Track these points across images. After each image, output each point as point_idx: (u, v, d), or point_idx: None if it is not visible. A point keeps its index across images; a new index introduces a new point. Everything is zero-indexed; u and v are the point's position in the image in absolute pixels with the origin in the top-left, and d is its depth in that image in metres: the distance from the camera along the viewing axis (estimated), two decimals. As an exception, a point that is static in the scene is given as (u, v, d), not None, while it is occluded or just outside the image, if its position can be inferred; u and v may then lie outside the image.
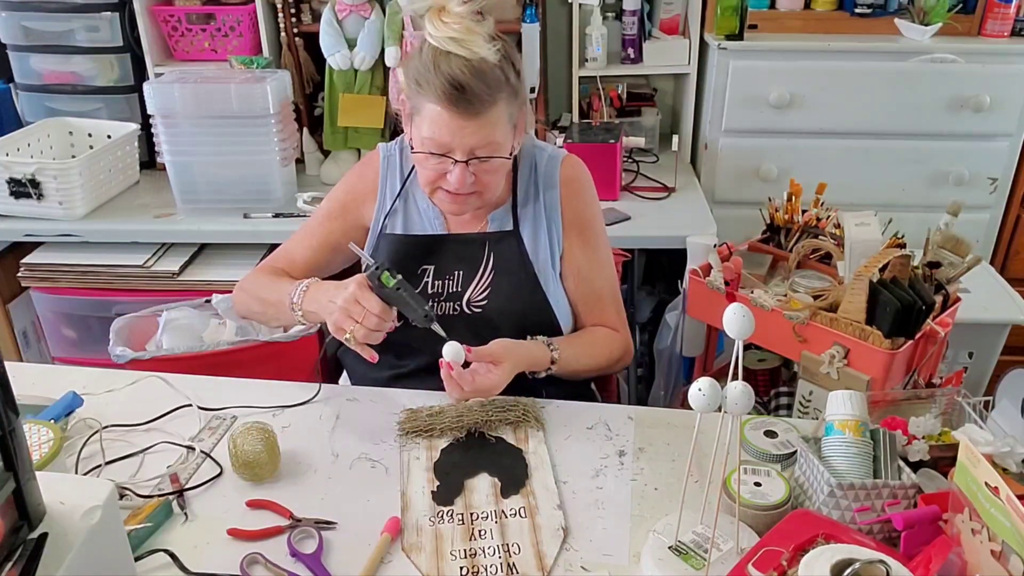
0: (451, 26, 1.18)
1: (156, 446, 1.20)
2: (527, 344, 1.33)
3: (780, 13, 2.32)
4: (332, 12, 2.19)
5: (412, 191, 1.41)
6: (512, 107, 1.25)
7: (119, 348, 1.69)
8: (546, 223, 1.39)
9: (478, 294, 1.38)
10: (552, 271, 1.39)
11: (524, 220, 1.39)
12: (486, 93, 1.19)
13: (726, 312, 0.89)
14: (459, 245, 1.39)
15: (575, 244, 1.40)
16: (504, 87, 1.21)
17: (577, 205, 1.40)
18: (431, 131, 1.22)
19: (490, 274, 1.38)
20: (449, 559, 1.00)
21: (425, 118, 1.23)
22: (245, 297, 1.45)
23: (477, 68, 1.18)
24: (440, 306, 1.38)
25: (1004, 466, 1.03)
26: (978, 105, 2.21)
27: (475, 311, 1.37)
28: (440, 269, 1.39)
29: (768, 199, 1.83)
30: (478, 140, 1.22)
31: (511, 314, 1.36)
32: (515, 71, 1.24)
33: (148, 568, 0.98)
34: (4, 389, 0.69)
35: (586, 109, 2.53)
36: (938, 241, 1.57)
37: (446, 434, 1.21)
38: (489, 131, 1.22)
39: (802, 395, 1.55)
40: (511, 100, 1.24)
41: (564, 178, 1.39)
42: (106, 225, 2.17)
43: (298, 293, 1.29)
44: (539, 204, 1.39)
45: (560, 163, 1.40)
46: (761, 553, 0.89)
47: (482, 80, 1.18)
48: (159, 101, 2.09)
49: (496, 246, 1.38)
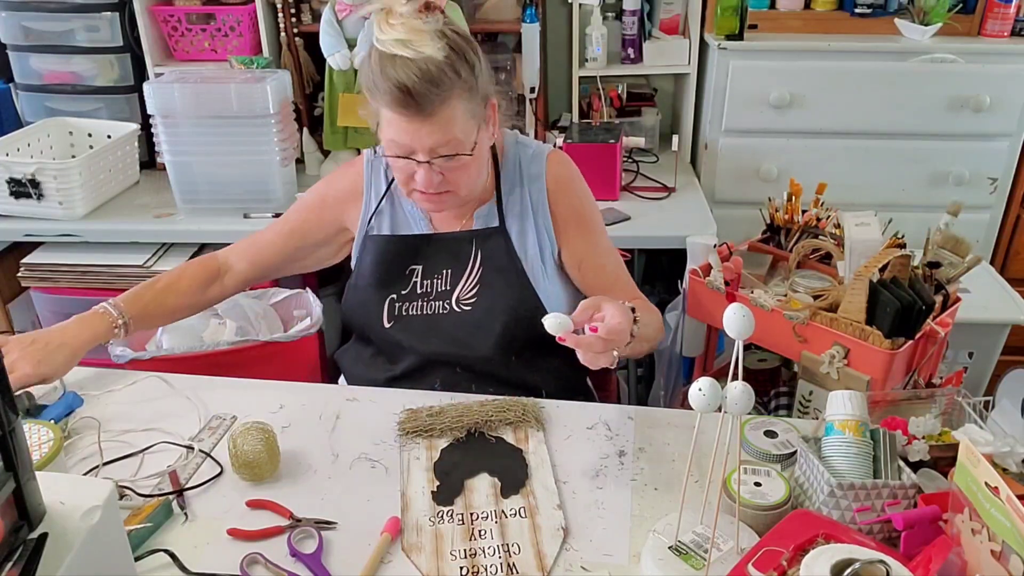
0: (396, 28, 1.16)
1: (156, 446, 1.19)
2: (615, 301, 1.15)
3: (780, 13, 2.32)
4: (332, 12, 2.19)
5: (397, 193, 1.41)
6: (471, 103, 1.22)
7: (119, 348, 1.69)
8: (533, 218, 1.38)
9: (467, 292, 1.37)
10: (542, 266, 1.38)
11: (510, 216, 1.38)
12: (434, 93, 1.16)
13: (726, 312, 0.89)
14: (446, 244, 1.39)
15: (574, 237, 1.39)
16: (456, 83, 1.18)
17: (569, 200, 1.39)
18: (391, 134, 1.22)
19: (478, 271, 1.38)
20: (449, 559, 1.00)
21: (383, 122, 1.23)
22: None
23: (423, 69, 1.15)
24: (429, 305, 1.38)
25: (1004, 466, 1.03)
26: (978, 105, 2.21)
27: (464, 308, 1.37)
28: (428, 268, 1.39)
29: (768, 199, 1.83)
30: (436, 140, 1.21)
31: (501, 311, 1.35)
32: (467, 65, 1.21)
33: (148, 568, 0.98)
34: (4, 389, 0.69)
35: (586, 109, 2.53)
36: (938, 241, 1.57)
37: (446, 434, 1.21)
38: (446, 129, 1.20)
39: (802, 395, 1.55)
40: (467, 96, 1.21)
41: (551, 174, 1.38)
42: (106, 225, 2.17)
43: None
44: (525, 199, 1.38)
45: (546, 158, 1.39)
46: (761, 553, 0.89)
47: (429, 80, 1.16)
48: (159, 101, 2.09)
49: (483, 243, 1.38)
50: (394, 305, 1.38)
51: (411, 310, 1.38)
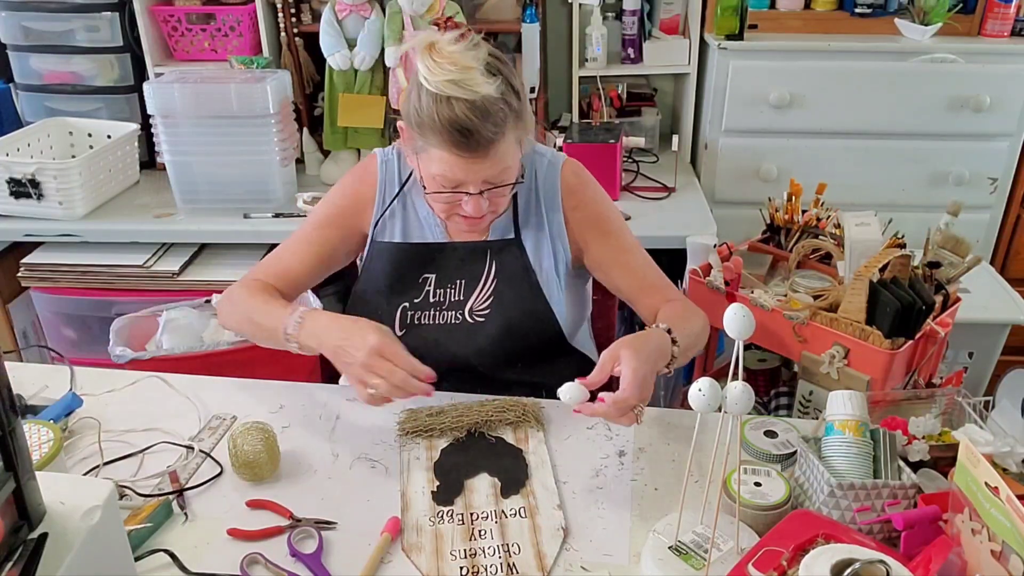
0: (446, 67, 1.12)
1: (156, 446, 1.19)
2: (639, 335, 1.16)
3: (780, 13, 2.32)
4: (332, 12, 2.19)
5: (411, 197, 1.38)
6: (518, 130, 1.22)
7: (119, 348, 1.69)
8: (548, 230, 1.36)
9: (480, 303, 1.36)
10: (556, 278, 1.36)
11: (526, 228, 1.36)
12: (492, 131, 1.15)
13: (726, 312, 0.89)
14: (461, 253, 1.36)
15: (594, 242, 1.37)
16: (509, 116, 1.17)
17: (584, 208, 1.37)
18: (441, 170, 1.20)
19: (492, 283, 1.36)
20: (449, 559, 1.00)
21: (433, 159, 1.20)
22: (234, 314, 1.34)
23: (481, 109, 1.13)
24: (442, 315, 1.36)
25: (1004, 466, 1.03)
26: (978, 105, 2.21)
27: (477, 320, 1.35)
28: (441, 277, 1.36)
29: (768, 199, 1.83)
30: (491, 173, 1.20)
31: (514, 324, 1.34)
32: (515, 94, 1.20)
33: (148, 568, 0.98)
34: (4, 389, 0.69)
35: (586, 109, 2.53)
36: (938, 241, 1.57)
37: (446, 434, 1.21)
38: (501, 161, 1.20)
39: (802, 395, 1.55)
40: (517, 124, 1.20)
41: (565, 186, 1.36)
42: (106, 225, 2.17)
43: (293, 325, 1.20)
44: (540, 212, 1.36)
45: (560, 169, 1.37)
46: (761, 553, 0.89)
47: (487, 120, 1.14)
48: (159, 101, 2.09)
49: (498, 255, 1.36)
50: (406, 314, 1.36)
51: (424, 319, 1.36)
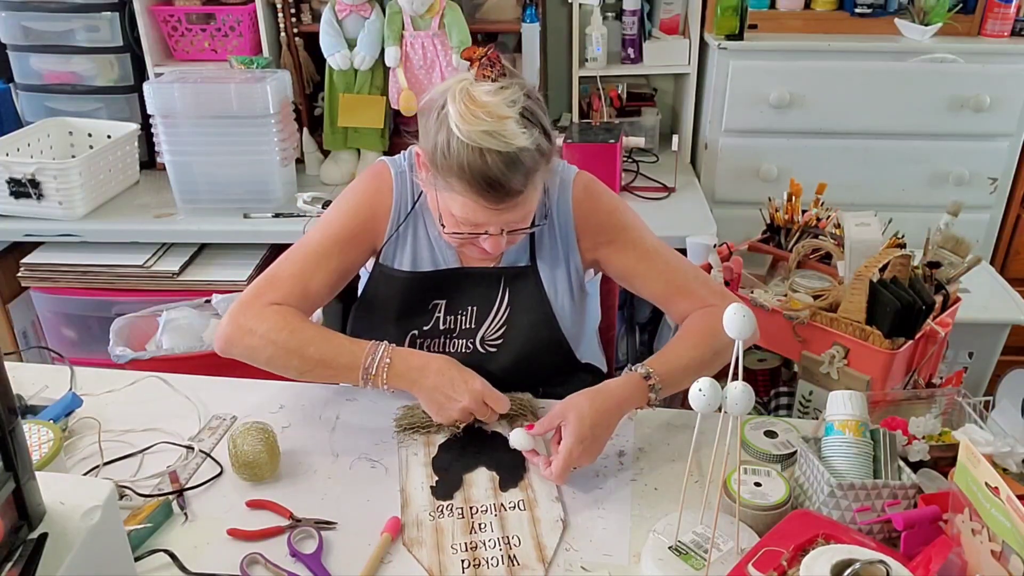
0: (481, 118, 1.06)
1: (156, 446, 1.19)
2: (603, 388, 1.15)
3: (780, 13, 2.32)
4: (332, 12, 2.19)
5: (421, 217, 1.30)
6: (546, 173, 1.17)
7: (119, 348, 1.69)
8: (563, 255, 1.31)
9: (492, 332, 1.31)
10: (572, 302, 1.32)
11: (541, 254, 1.31)
12: (522, 183, 1.10)
13: (726, 312, 0.89)
14: (473, 280, 1.30)
15: (614, 255, 1.31)
16: (540, 163, 1.12)
17: (598, 225, 1.30)
18: (464, 214, 1.14)
19: (505, 312, 1.31)
20: (450, 552, 1.00)
21: (455, 202, 1.14)
22: (267, 348, 1.18)
23: (514, 160, 1.08)
24: (452, 343, 1.32)
25: (1004, 466, 1.03)
26: (978, 105, 2.21)
27: (489, 350, 1.31)
28: (452, 304, 1.31)
29: (768, 199, 1.83)
30: (514, 217, 1.15)
31: (526, 355, 1.30)
32: (545, 135, 1.13)
33: (148, 568, 0.98)
34: (4, 389, 0.69)
35: (586, 109, 2.53)
36: (938, 241, 1.57)
37: (443, 430, 1.21)
38: (525, 207, 1.15)
39: (802, 395, 1.55)
40: (546, 169, 1.16)
41: (577, 205, 1.30)
42: (106, 225, 2.17)
43: (377, 365, 1.16)
44: (555, 237, 1.31)
45: (571, 187, 1.30)
46: (761, 553, 0.89)
47: (518, 171, 1.09)
48: (159, 101, 2.09)
49: (512, 282, 1.31)
50: (415, 341, 1.31)
51: (433, 347, 1.31)
